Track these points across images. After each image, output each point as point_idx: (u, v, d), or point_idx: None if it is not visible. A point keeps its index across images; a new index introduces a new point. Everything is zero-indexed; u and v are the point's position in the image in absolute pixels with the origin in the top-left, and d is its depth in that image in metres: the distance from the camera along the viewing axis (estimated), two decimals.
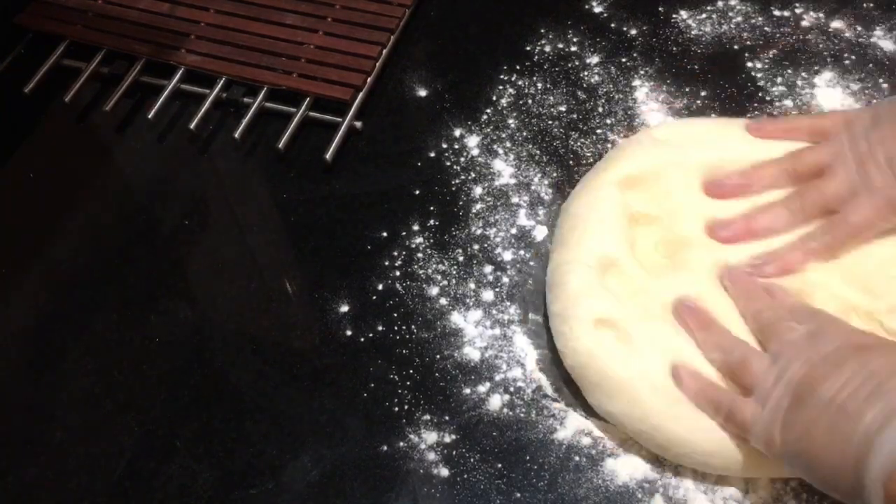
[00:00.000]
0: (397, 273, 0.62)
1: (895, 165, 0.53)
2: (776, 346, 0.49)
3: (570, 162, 0.67)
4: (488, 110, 0.71)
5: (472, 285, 0.61)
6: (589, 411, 0.55)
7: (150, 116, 0.69)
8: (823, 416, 0.44)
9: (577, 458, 0.53)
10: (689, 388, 0.51)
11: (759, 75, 0.71)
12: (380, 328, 0.59)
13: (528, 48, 0.75)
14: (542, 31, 0.76)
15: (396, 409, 0.56)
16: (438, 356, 0.58)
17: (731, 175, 0.59)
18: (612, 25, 0.76)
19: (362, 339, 0.59)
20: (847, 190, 0.55)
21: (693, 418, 0.51)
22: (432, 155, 0.68)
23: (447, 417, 0.55)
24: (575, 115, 0.70)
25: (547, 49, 0.75)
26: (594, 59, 0.73)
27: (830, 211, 0.55)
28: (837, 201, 0.55)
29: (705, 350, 0.52)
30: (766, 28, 0.75)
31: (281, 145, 0.68)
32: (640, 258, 0.58)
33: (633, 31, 0.75)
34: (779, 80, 0.71)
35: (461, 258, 0.62)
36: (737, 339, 0.52)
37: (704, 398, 0.51)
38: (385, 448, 0.54)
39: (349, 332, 0.59)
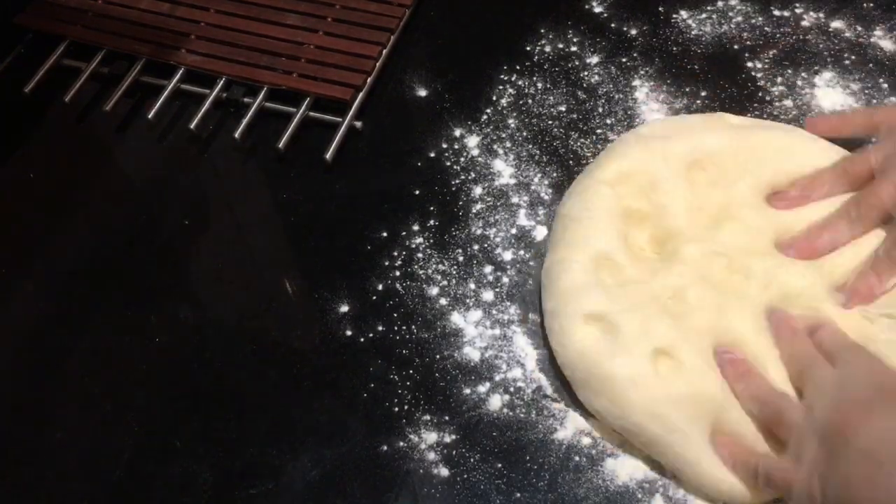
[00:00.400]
0: (397, 273, 0.62)
1: None
2: (809, 392, 0.48)
3: (570, 162, 0.67)
4: (488, 110, 0.71)
5: (472, 285, 0.61)
6: (589, 411, 0.55)
7: (150, 116, 0.69)
8: (860, 470, 0.42)
9: (577, 458, 0.53)
10: (724, 458, 0.49)
11: (759, 75, 0.71)
12: (380, 328, 0.59)
13: (528, 48, 0.75)
14: (542, 31, 0.76)
15: (396, 409, 0.56)
16: (438, 356, 0.58)
17: (792, 187, 0.58)
18: (612, 25, 0.76)
19: (362, 339, 0.59)
20: None
21: (670, 419, 0.51)
22: (432, 155, 0.68)
23: (447, 417, 0.55)
24: (575, 115, 0.70)
25: (547, 49, 0.75)
26: (594, 59, 0.73)
27: (889, 215, 0.54)
28: (894, 204, 0.54)
29: (743, 402, 0.50)
30: (766, 28, 0.75)
31: (281, 145, 0.68)
32: (634, 253, 0.58)
33: (633, 31, 0.75)
34: (779, 80, 0.71)
35: (461, 258, 0.62)
36: (773, 391, 0.50)
37: (741, 466, 0.49)
38: (385, 448, 0.54)
39: (349, 332, 0.59)
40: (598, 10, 0.77)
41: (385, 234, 0.64)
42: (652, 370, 0.52)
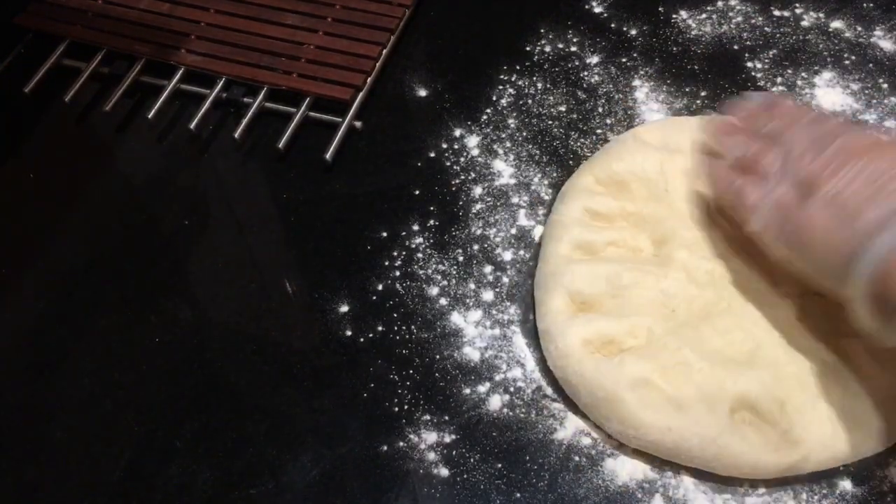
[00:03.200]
0: (397, 273, 0.62)
1: None
2: (784, 145, 0.51)
3: (570, 162, 0.67)
4: (488, 110, 0.71)
5: (472, 285, 0.61)
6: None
7: (150, 116, 0.69)
8: (824, 212, 0.47)
9: (577, 458, 0.53)
10: (704, 168, 0.56)
11: (759, 75, 0.71)
12: (380, 328, 0.59)
13: (528, 48, 0.75)
14: (542, 31, 0.76)
15: (396, 409, 0.56)
16: (438, 356, 0.58)
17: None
18: (612, 25, 0.76)
19: (362, 339, 0.59)
20: None
21: (684, 426, 0.51)
22: (432, 155, 0.68)
23: (447, 417, 0.55)
24: (575, 115, 0.70)
25: (547, 49, 0.75)
26: (594, 59, 0.73)
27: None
28: None
29: (729, 151, 0.55)
30: (766, 28, 0.75)
31: (281, 145, 0.68)
32: (625, 256, 0.58)
33: (633, 31, 0.75)
34: (779, 80, 0.71)
35: (461, 258, 0.62)
36: (756, 137, 0.53)
37: (718, 180, 0.54)
38: (385, 448, 0.54)
39: (349, 332, 0.59)
40: (598, 10, 0.77)
41: (385, 234, 0.64)
42: (658, 382, 0.52)
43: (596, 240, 0.59)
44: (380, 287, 0.61)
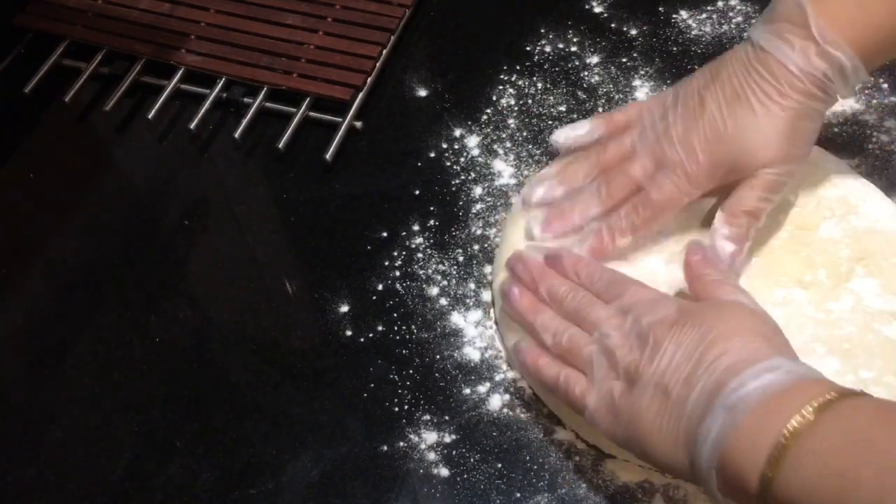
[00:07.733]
0: (397, 273, 0.62)
1: (687, 142, 0.54)
2: (595, 328, 0.49)
3: None
4: (488, 110, 0.71)
5: (472, 285, 0.61)
6: None
7: (150, 116, 0.69)
8: (652, 402, 0.44)
9: (577, 458, 0.53)
10: (524, 365, 0.52)
11: None
12: (380, 328, 0.59)
13: (528, 48, 0.75)
14: (542, 31, 0.76)
15: (396, 409, 0.56)
16: (438, 356, 0.58)
17: (547, 182, 0.58)
18: (612, 25, 0.76)
19: (362, 339, 0.59)
20: (649, 169, 0.55)
21: None
22: (432, 155, 0.68)
23: (447, 417, 0.55)
24: (575, 115, 0.70)
25: (547, 49, 0.75)
26: (594, 59, 0.73)
27: (637, 191, 0.56)
28: (641, 181, 0.55)
29: (539, 333, 0.51)
30: None
31: (281, 145, 0.68)
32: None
33: (633, 31, 0.75)
34: None
35: (461, 258, 0.62)
36: (563, 322, 0.50)
37: (540, 374, 0.50)
38: (385, 448, 0.54)
39: (349, 332, 0.59)
40: (598, 10, 0.77)
41: (385, 234, 0.64)
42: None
43: None
44: (380, 287, 0.61)
